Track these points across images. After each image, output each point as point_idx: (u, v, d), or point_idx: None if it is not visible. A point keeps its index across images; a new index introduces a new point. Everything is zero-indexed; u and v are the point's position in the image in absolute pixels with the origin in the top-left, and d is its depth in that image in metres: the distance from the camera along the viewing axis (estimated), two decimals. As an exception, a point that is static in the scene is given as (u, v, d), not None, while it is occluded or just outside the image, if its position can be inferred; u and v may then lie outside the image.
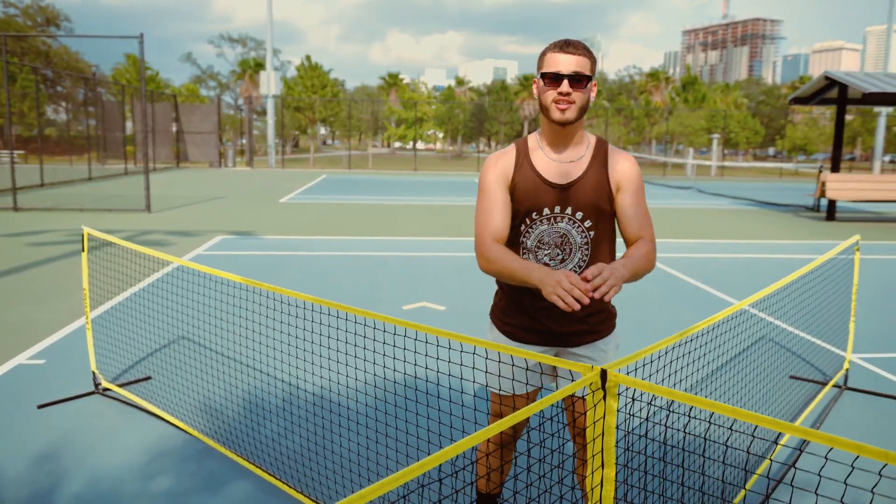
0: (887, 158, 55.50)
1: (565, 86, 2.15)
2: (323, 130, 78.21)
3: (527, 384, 2.09)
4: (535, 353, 2.03)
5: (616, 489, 2.10)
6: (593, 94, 2.26)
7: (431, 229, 12.46)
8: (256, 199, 17.43)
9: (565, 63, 2.15)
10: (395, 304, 6.77)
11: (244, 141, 43.64)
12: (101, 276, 7.44)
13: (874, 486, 1.36)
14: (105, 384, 4.35)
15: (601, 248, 2.35)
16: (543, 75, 2.20)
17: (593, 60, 2.22)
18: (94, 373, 4.36)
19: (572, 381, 2.34)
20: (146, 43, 13.44)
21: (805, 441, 3.77)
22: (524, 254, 2.35)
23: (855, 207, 18.85)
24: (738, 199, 21.56)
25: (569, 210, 2.29)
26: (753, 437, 1.38)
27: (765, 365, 5.13)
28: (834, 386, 4.73)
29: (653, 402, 2.01)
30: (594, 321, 2.39)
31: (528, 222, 2.32)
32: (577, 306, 1.92)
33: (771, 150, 73.18)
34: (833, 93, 15.94)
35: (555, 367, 2.42)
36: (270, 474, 3.29)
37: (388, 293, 7.24)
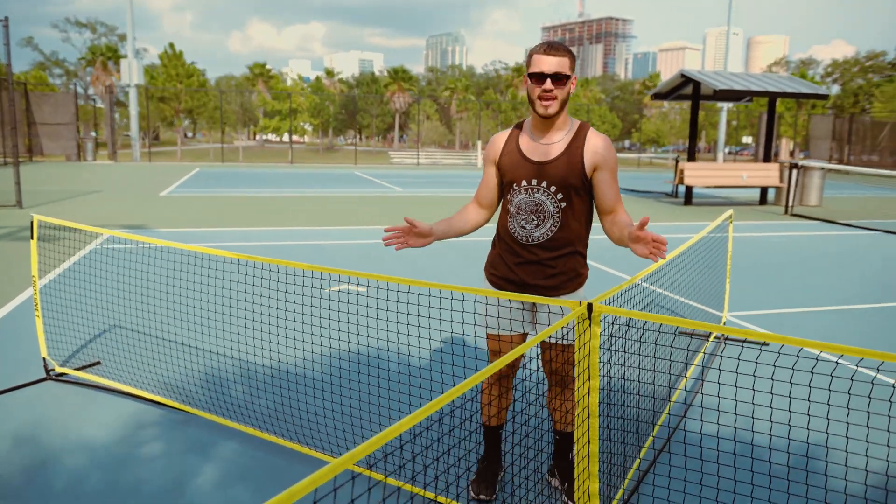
0: (727, 150, 61.00)
1: (548, 84, 2.61)
2: (185, 122, 74.84)
3: (510, 320, 2.58)
4: (520, 295, 2.54)
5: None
6: (573, 89, 2.72)
7: (327, 219, 12.70)
8: (135, 193, 16.81)
9: (548, 64, 2.61)
10: (318, 286, 7.07)
11: (94, 134, 41.06)
12: (20, 265, 7.17)
13: (775, 360, 1.97)
14: (59, 369, 4.41)
15: (571, 219, 2.76)
16: (530, 75, 2.65)
17: (573, 59, 2.67)
18: (44, 359, 4.40)
19: (549, 324, 2.85)
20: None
21: (723, 335, 4.56)
22: (508, 218, 2.83)
23: (707, 193, 20.92)
24: (604, 187, 23.21)
25: (544, 184, 2.73)
26: (700, 336, 1.93)
27: (658, 326, 5.94)
28: (715, 338, 5.61)
29: (629, 324, 2.58)
30: (561, 280, 2.83)
31: (511, 192, 2.81)
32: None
33: (627, 143, 78.36)
34: (688, 89, 17.65)
35: (533, 315, 2.92)
36: (258, 429, 3.60)
37: (309, 278, 7.50)
